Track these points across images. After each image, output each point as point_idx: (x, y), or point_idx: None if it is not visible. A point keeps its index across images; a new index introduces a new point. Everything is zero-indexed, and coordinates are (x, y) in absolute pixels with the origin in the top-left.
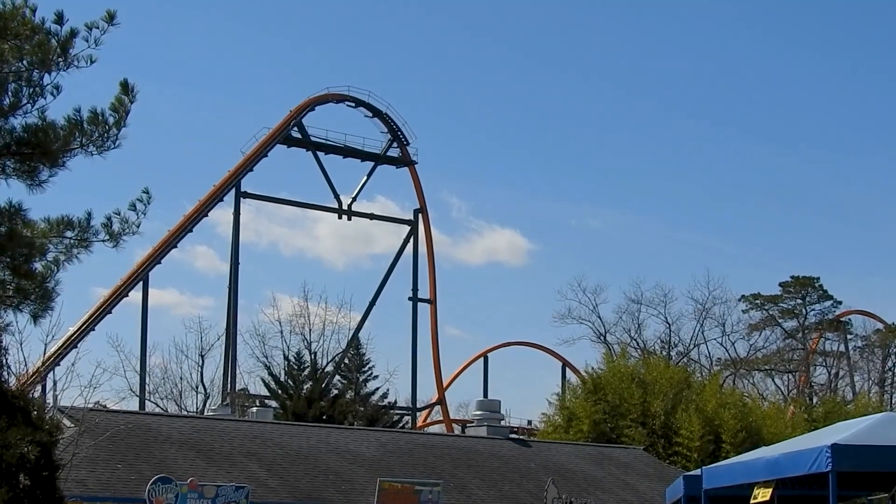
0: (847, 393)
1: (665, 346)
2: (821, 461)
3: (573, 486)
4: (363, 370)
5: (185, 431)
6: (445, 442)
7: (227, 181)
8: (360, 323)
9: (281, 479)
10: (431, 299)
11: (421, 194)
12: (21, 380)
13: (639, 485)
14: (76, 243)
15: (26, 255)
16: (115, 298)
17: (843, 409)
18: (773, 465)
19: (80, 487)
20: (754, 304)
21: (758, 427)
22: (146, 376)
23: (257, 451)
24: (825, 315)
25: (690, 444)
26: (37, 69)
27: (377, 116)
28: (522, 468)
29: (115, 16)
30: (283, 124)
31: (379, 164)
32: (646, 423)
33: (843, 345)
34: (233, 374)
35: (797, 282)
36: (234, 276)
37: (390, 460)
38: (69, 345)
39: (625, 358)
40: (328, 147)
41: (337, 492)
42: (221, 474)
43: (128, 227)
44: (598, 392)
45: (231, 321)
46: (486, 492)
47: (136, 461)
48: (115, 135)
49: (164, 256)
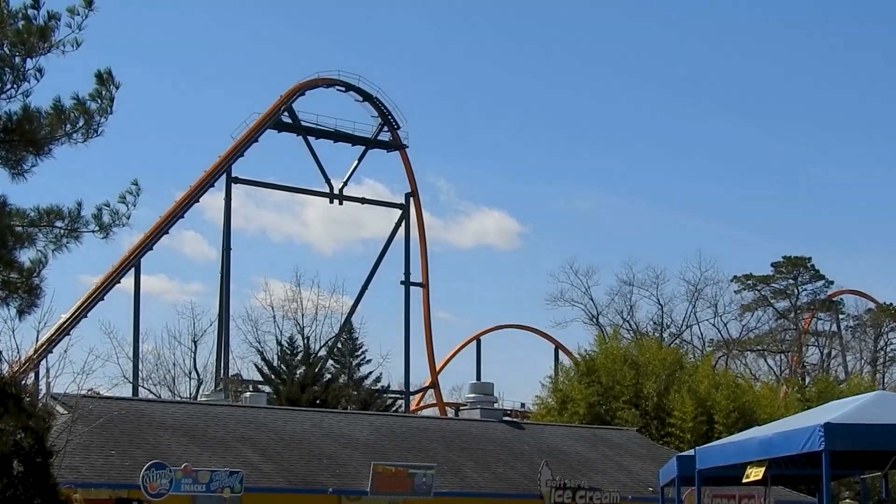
0: (839, 372)
1: (657, 328)
2: (814, 440)
3: (567, 468)
4: (356, 354)
5: (179, 417)
6: (439, 425)
7: (218, 167)
8: (353, 307)
9: (275, 463)
10: (424, 283)
11: (412, 178)
12: (14, 367)
13: (632, 466)
14: (66, 233)
15: (12, 245)
16: (108, 285)
17: (836, 389)
18: (767, 444)
19: (73, 474)
20: (746, 284)
21: (751, 407)
22: (139, 363)
23: (251, 436)
24: (817, 295)
25: (683, 424)
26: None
27: (367, 100)
28: (516, 450)
29: (94, 1)
30: (273, 109)
31: (370, 148)
32: (639, 405)
33: (835, 325)
34: (226, 359)
35: (789, 262)
36: (226, 261)
37: (384, 444)
38: (62, 332)
39: (617, 340)
40: (319, 132)
41: (331, 476)
42: (215, 460)
43: (118, 219)
44: (591, 374)
45: (223, 307)
46: (479, 474)
47: (130, 447)
48: (99, 123)
49: (155, 243)
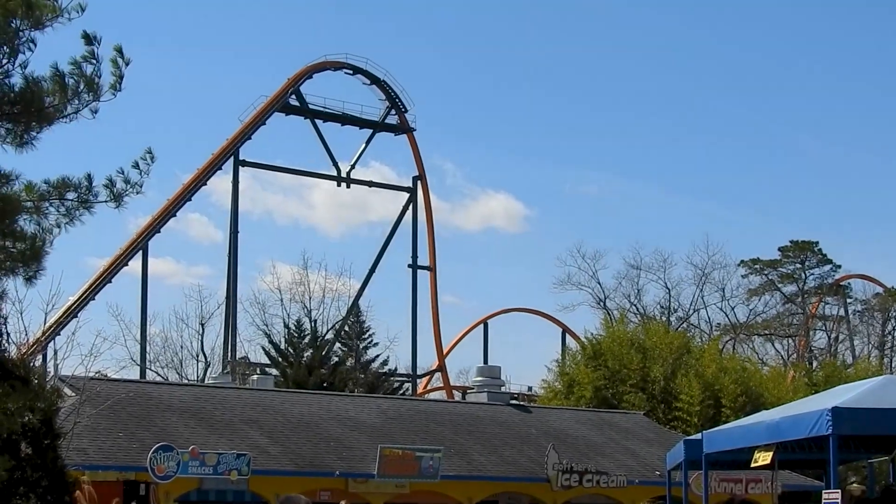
0: (847, 357)
1: (665, 312)
2: (821, 424)
3: (574, 452)
4: (363, 337)
5: (186, 400)
6: (446, 408)
7: (226, 150)
8: (360, 290)
9: (282, 446)
10: (431, 266)
11: (420, 161)
12: (22, 349)
13: (639, 450)
14: (78, 205)
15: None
16: (115, 268)
17: (843, 373)
18: (774, 428)
19: (81, 456)
20: (753, 268)
21: (758, 391)
22: (146, 345)
23: (258, 418)
24: (824, 279)
25: (690, 408)
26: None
27: (375, 84)
28: (523, 434)
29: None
30: (280, 92)
31: (377, 131)
32: (646, 389)
33: (842, 309)
34: (233, 342)
35: (796, 246)
36: (233, 244)
37: (391, 427)
38: (69, 314)
39: (623, 323)
40: (326, 115)
41: (338, 459)
42: (223, 442)
43: (131, 187)
44: (597, 358)
45: (231, 289)
46: (486, 458)
47: (138, 430)
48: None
49: (163, 225)
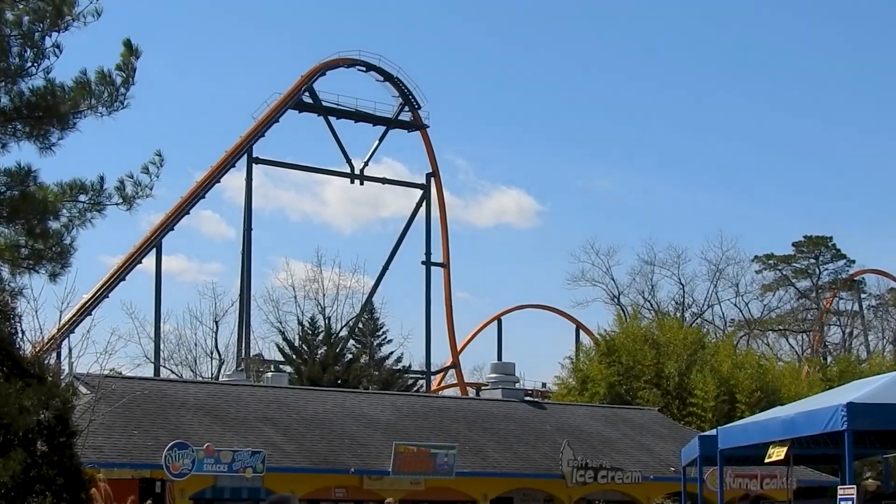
0: (861, 352)
1: (679, 308)
2: (836, 420)
3: (588, 448)
4: (377, 334)
5: (201, 397)
6: (460, 405)
7: (239, 147)
8: (374, 287)
9: (297, 443)
10: (445, 263)
11: (433, 158)
12: (37, 347)
13: (654, 446)
14: (90, 207)
15: (40, 217)
16: (129, 265)
17: (858, 368)
18: (789, 424)
19: (96, 454)
20: (767, 264)
21: (774, 387)
22: (161, 343)
23: (273, 416)
24: (839, 274)
25: (705, 404)
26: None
27: (388, 80)
28: (537, 430)
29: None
30: (294, 89)
31: (390, 128)
32: (660, 385)
33: (856, 304)
34: (247, 339)
35: (810, 241)
36: (247, 241)
37: (406, 424)
38: (83, 312)
39: (637, 319)
40: (339, 112)
41: (353, 456)
42: (237, 440)
43: (141, 190)
44: (611, 354)
45: (245, 287)
46: (501, 454)
47: (153, 427)
48: (124, 94)
49: (176, 223)
